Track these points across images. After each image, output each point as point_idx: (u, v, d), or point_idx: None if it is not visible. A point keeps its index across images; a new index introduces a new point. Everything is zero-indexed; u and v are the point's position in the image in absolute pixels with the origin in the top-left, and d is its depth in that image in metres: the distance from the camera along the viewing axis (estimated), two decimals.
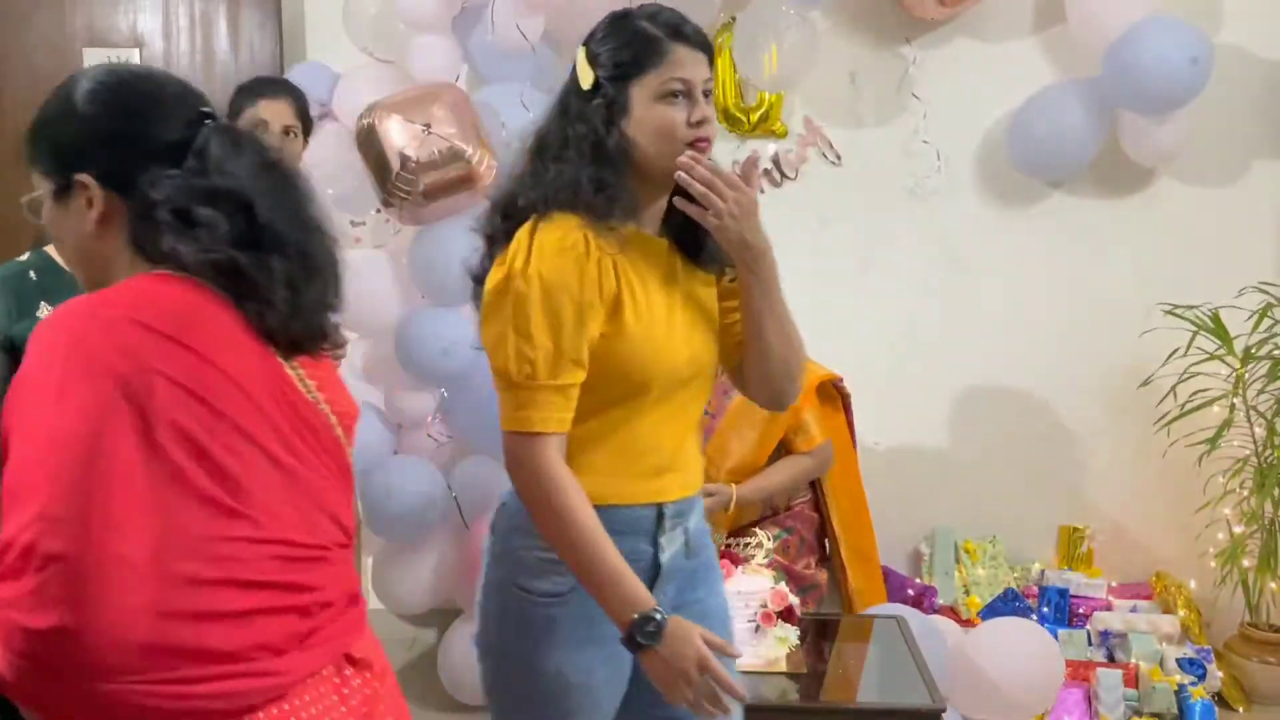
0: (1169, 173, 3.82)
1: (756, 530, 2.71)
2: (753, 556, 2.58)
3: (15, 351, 2.05)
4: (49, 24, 3.77)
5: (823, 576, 3.03)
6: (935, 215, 3.86)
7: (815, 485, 3.05)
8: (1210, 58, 3.35)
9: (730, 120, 3.84)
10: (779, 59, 3.36)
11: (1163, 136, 3.56)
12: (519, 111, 3.29)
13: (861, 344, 3.66)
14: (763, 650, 2.43)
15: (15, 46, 3.77)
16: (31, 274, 2.09)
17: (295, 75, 3.46)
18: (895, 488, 3.22)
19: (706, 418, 2.92)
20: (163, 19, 3.77)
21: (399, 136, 3.02)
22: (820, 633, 2.78)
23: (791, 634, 2.45)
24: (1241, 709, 3.50)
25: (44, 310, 2.06)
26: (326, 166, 3.30)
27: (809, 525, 3.04)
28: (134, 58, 3.76)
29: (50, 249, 2.14)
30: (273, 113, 2.79)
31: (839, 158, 3.86)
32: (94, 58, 3.77)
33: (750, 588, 2.46)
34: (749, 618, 2.44)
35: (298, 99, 2.86)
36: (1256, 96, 3.78)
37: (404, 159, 3.01)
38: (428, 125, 3.02)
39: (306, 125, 2.88)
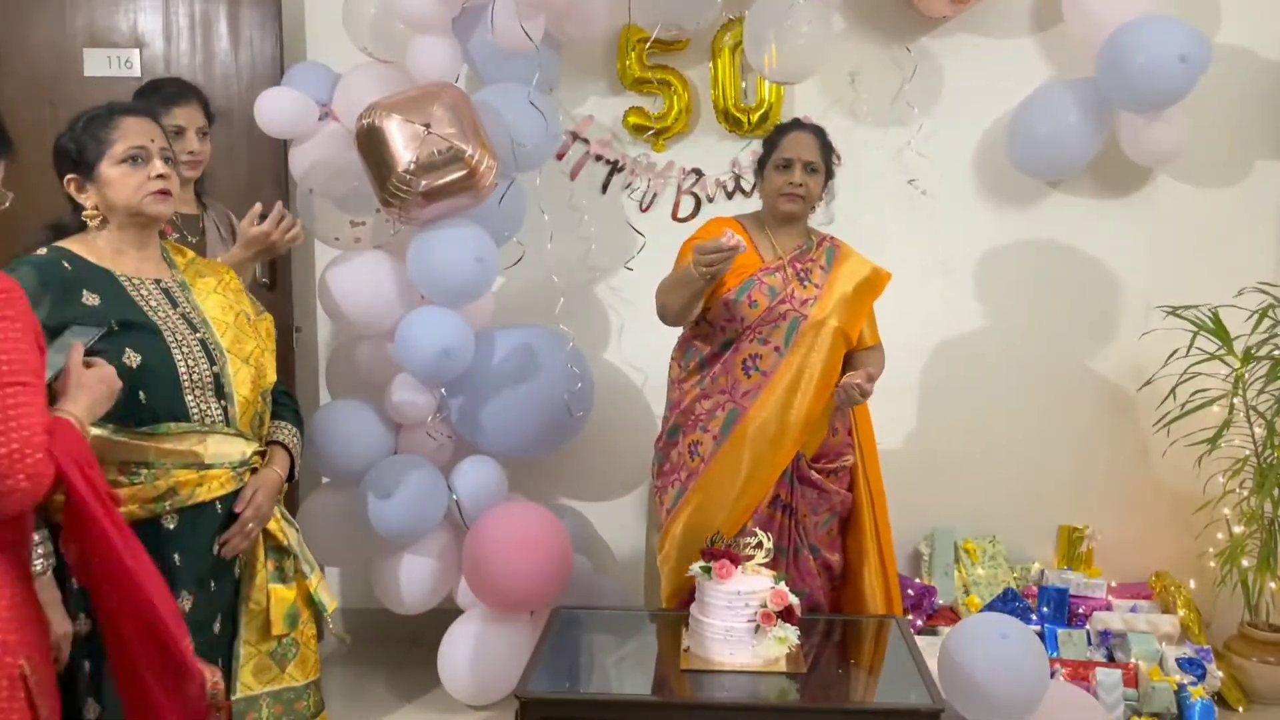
0: (1168, 172, 3.82)
1: (756, 530, 2.71)
2: (753, 556, 2.58)
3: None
4: (49, 24, 3.77)
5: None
6: (934, 215, 3.87)
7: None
8: (1202, 55, 3.34)
9: (730, 120, 3.84)
10: (788, 52, 3.33)
11: (1161, 136, 3.56)
12: (519, 111, 3.29)
13: None
14: (763, 650, 2.44)
15: (15, 46, 3.77)
16: (65, 264, 2.11)
17: (295, 75, 3.46)
18: (895, 488, 3.23)
19: (759, 375, 2.94)
20: (163, 19, 3.78)
21: (399, 136, 3.02)
22: (820, 633, 2.79)
23: (791, 634, 2.45)
24: (1241, 709, 3.51)
25: (88, 298, 2.07)
26: (327, 166, 3.31)
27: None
28: (134, 58, 3.76)
29: (69, 243, 2.16)
30: (187, 118, 2.95)
31: (839, 158, 3.86)
32: (94, 58, 3.77)
33: (750, 588, 2.46)
34: (749, 618, 2.45)
35: (204, 101, 3.02)
36: (1256, 96, 3.78)
37: (404, 159, 3.01)
38: (427, 125, 3.02)
39: (212, 123, 3.05)
